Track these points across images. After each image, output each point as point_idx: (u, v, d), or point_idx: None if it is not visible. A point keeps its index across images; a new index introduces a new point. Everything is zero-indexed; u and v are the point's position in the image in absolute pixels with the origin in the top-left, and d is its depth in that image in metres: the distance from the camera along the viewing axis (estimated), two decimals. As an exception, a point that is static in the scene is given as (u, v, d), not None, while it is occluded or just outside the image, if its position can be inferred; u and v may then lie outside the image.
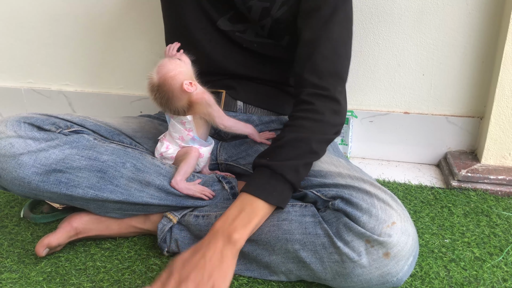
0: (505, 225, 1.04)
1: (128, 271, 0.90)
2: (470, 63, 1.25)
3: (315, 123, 0.87)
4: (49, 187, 0.85)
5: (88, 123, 0.94)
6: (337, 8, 0.90)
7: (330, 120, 0.88)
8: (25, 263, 0.92)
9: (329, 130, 0.88)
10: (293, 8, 0.94)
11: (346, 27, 0.93)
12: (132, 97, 1.52)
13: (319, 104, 0.88)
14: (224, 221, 0.78)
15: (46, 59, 1.54)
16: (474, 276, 0.88)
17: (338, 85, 0.91)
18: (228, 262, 0.74)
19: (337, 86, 0.91)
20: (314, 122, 0.87)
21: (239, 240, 0.76)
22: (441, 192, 1.18)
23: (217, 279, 0.72)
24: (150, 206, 0.92)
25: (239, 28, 1.00)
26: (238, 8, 0.96)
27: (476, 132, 1.31)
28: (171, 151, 0.96)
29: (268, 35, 0.99)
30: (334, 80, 0.90)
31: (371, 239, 0.75)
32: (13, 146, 0.83)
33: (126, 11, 1.42)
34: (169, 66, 0.88)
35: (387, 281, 0.77)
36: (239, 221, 0.77)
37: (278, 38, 1.00)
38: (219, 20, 0.99)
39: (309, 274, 0.82)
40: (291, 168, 0.82)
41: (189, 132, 0.94)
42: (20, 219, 1.08)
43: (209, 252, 0.74)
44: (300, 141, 0.84)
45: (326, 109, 0.88)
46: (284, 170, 0.81)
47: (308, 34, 0.91)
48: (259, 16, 0.96)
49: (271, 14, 0.95)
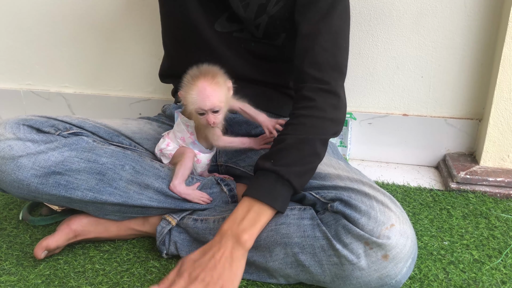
0: (504, 227, 1.04)
1: (127, 273, 0.90)
2: (469, 65, 1.26)
3: (317, 121, 0.86)
4: (48, 190, 0.85)
5: (87, 125, 0.94)
6: (335, 1, 0.90)
7: (331, 116, 0.88)
8: (23, 266, 0.92)
9: (330, 128, 0.88)
10: (289, 4, 0.94)
11: (344, 19, 0.93)
12: (131, 99, 1.52)
13: (321, 101, 0.87)
14: (232, 222, 0.79)
15: (45, 61, 1.54)
16: (473, 279, 0.88)
17: (339, 79, 0.91)
18: (237, 264, 0.76)
19: (338, 79, 0.90)
20: (316, 119, 0.86)
21: (248, 241, 0.78)
22: (440, 194, 1.18)
23: (227, 280, 0.73)
24: (149, 208, 0.92)
25: (236, 27, 1.00)
26: (232, 7, 0.96)
27: (475, 134, 1.31)
28: (171, 148, 0.96)
29: (264, 35, 0.99)
30: (334, 73, 0.90)
31: (370, 241, 0.75)
32: (12, 148, 0.83)
33: (125, 13, 1.42)
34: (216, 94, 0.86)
35: (386, 283, 0.77)
36: (246, 222, 0.78)
37: (274, 37, 1.00)
38: (216, 22, 1.00)
39: (308, 277, 0.82)
40: (296, 174, 0.82)
41: (190, 135, 0.94)
42: (18, 221, 1.07)
43: (219, 253, 0.75)
44: (303, 143, 0.84)
45: (328, 105, 0.87)
46: (291, 177, 0.81)
47: (307, 27, 0.91)
48: (254, 14, 0.95)
49: (267, 10, 0.95)
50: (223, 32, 1.00)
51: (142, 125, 1.05)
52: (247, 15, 0.96)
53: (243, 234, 0.77)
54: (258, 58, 1.03)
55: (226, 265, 0.75)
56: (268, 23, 0.97)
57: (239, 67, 1.02)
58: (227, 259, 0.75)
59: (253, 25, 0.97)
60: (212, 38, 1.00)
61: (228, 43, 1.01)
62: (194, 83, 0.85)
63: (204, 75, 0.85)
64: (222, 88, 0.87)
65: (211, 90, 0.85)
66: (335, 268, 0.78)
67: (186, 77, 0.87)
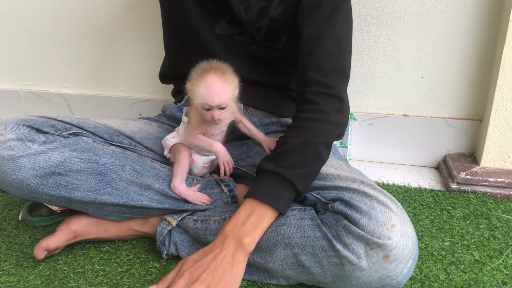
0: (505, 228, 1.03)
1: (127, 274, 0.90)
2: (469, 66, 1.26)
3: (321, 124, 0.86)
4: (48, 190, 0.85)
5: (87, 125, 0.94)
6: (338, 5, 0.90)
7: (335, 119, 0.87)
8: (23, 266, 0.92)
9: (334, 131, 0.87)
10: (290, 7, 0.94)
11: (347, 23, 0.93)
12: (131, 99, 1.51)
13: (324, 104, 0.87)
14: (234, 224, 0.79)
15: (44, 61, 1.54)
16: (474, 279, 0.88)
17: (342, 83, 0.90)
18: (239, 266, 0.76)
19: (341, 83, 0.90)
20: (320, 122, 0.86)
21: (250, 244, 0.78)
22: (441, 195, 1.18)
23: (227, 283, 0.74)
24: (149, 209, 0.92)
25: (237, 30, 0.99)
26: (233, 10, 0.96)
27: (475, 135, 1.31)
28: (174, 140, 0.96)
29: (264, 38, 0.99)
30: (338, 78, 0.89)
31: (370, 241, 0.75)
32: (12, 148, 0.83)
33: (125, 13, 1.42)
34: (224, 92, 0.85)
35: (386, 283, 0.76)
36: (248, 225, 0.78)
37: (275, 40, 0.99)
38: (217, 24, 0.99)
39: (308, 278, 0.82)
40: (300, 176, 0.81)
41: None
42: (18, 222, 1.07)
43: (221, 255, 0.76)
44: (307, 145, 0.83)
45: (331, 108, 0.87)
46: (294, 178, 0.80)
47: (310, 31, 0.91)
48: (256, 17, 0.95)
49: (268, 13, 0.95)
50: (224, 35, 1.00)
51: (142, 125, 1.05)
52: (248, 18, 0.96)
53: (245, 237, 0.77)
54: (258, 61, 1.03)
55: (227, 268, 0.75)
56: (269, 26, 0.97)
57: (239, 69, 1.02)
58: (228, 261, 0.75)
59: (254, 28, 0.97)
60: (212, 41, 1.00)
61: (229, 46, 1.01)
62: (204, 77, 0.84)
63: (214, 70, 0.84)
64: (230, 85, 0.86)
65: (220, 86, 0.84)
66: (336, 268, 0.78)
67: (195, 70, 0.86)
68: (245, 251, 0.77)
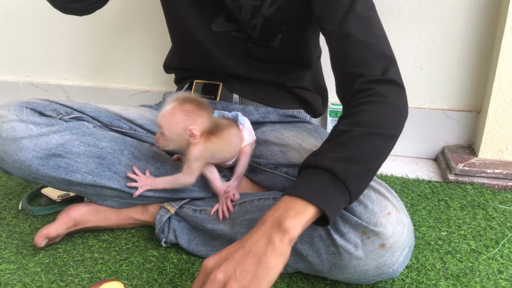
0: (501, 218, 1.04)
1: (125, 262, 0.90)
2: (468, 58, 1.26)
3: (380, 106, 0.74)
4: (48, 171, 0.86)
5: (88, 109, 0.95)
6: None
7: (396, 102, 0.76)
8: (23, 254, 0.93)
9: (396, 116, 0.76)
10: (284, 6, 0.93)
11: (369, 7, 0.87)
12: (130, 91, 1.52)
13: (379, 88, 0.76)
14: (274, 210, 0.66)
15: (44, 53, 1.54)
16: (469, 268, 0.88)
17: (391, 66, 0.80)
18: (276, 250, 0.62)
19: (390, 67, 0.80)
20: (379, 104, 0.74)
21: (292, 229, 0.63)
22: (438, 186, 1.19)
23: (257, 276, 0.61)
24: (146, 197, 0.93)
25: (234, 27, 0.99)
26: (228, 7, 0.95)
27: (474, 126, 1.31)
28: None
29: (260, 37, 0.98)
30: (383, 62, 0.80)
31: (367, 230, 0.75)
32: (15, 129, 0.85)
33: (125, 5, 1.42)
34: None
35: (383, 272, 0.77)
36: (291, 212, 0.65)
37: (270, 39, 0.99)
38: (214, 21, 0.99)
39: (306, 266, 0.83)
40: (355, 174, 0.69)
41: None
42: (18, 211, 1.08)
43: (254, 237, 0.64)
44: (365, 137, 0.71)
45: (389, 91, 0.76)
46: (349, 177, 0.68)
47: (335, 27, 0.84)
48: (250, 16, 0.95)
49: (261, 12, 0.94)
50: (221, 32, 1.00)
51: (142, 112, 1.05)
52: (242, 16, 0.95)
53: (286, 220, 0.64)
54: (255, 59, 1.02)
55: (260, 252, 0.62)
56: (264, 24, 0.96)
57: (235, 66, 1.02)
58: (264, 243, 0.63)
59: (249, 26, 0.97)
60: (207, 38, 1.00)
61: (225, 42, 1.00)
62: (176, 99, 0.83)
63: (187, 101, 0.82)
64: (180, 120, 0.82)
65: (171, 112, 0.82)
66: (333, 257, 0.78)
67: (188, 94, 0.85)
68: (285, 234, 0.63)
